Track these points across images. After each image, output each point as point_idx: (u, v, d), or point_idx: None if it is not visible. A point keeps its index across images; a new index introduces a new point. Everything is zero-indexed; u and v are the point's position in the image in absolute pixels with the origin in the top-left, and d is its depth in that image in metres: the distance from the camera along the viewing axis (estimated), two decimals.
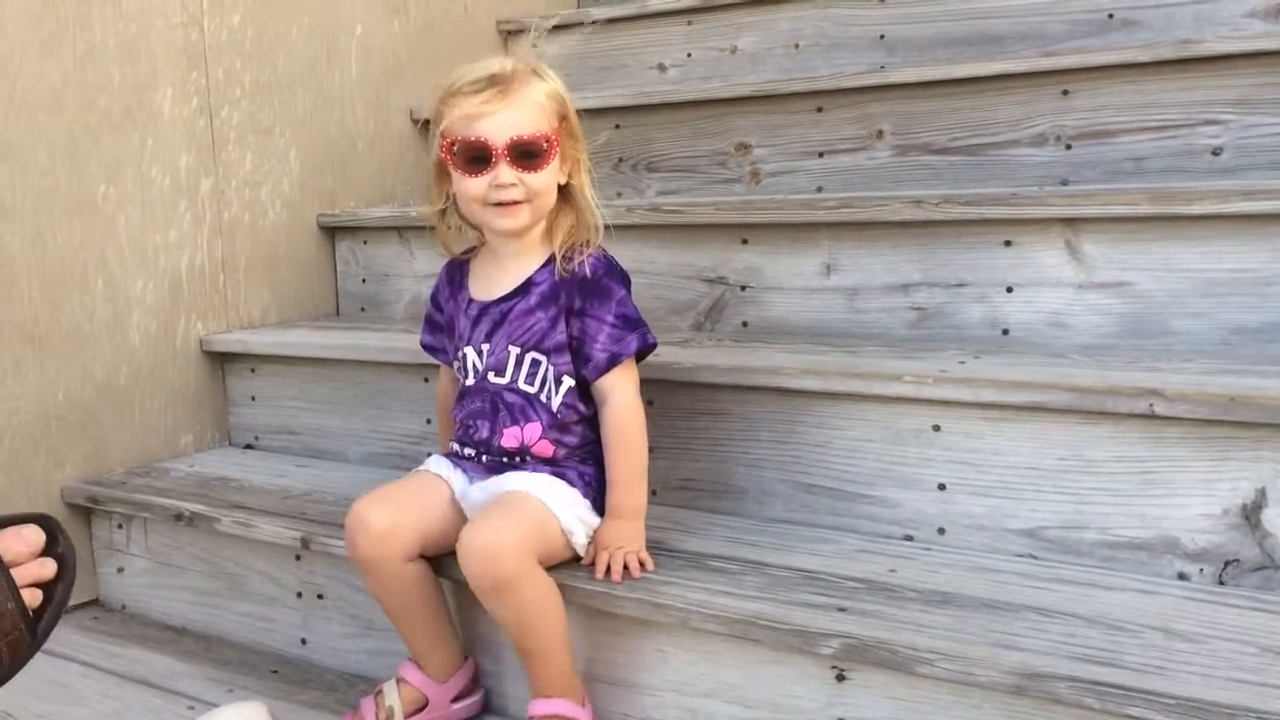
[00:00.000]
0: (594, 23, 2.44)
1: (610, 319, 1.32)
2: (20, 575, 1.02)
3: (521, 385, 1.35)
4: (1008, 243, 1.53)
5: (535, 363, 1.34)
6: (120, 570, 1.80)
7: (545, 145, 1.29)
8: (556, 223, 1.36)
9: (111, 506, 1.76)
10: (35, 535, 1.04)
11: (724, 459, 1.51)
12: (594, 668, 1.33)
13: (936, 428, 1.36)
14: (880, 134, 1.90)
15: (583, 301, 1.33)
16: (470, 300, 1.39)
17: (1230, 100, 1.63)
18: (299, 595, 1.60)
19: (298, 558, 1.58)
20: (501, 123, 1.27)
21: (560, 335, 1.33)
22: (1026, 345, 1.51)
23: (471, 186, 1.29)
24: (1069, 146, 1.75)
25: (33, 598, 1.03)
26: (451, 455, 1.42)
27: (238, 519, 1.59)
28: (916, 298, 1.59)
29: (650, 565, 1.31)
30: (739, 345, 1.63)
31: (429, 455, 1.45)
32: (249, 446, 1.99)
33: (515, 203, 1.29)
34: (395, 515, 1.31)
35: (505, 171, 1.28)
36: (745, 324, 1.73)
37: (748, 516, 1.49)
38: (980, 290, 1.55)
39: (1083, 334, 1.49)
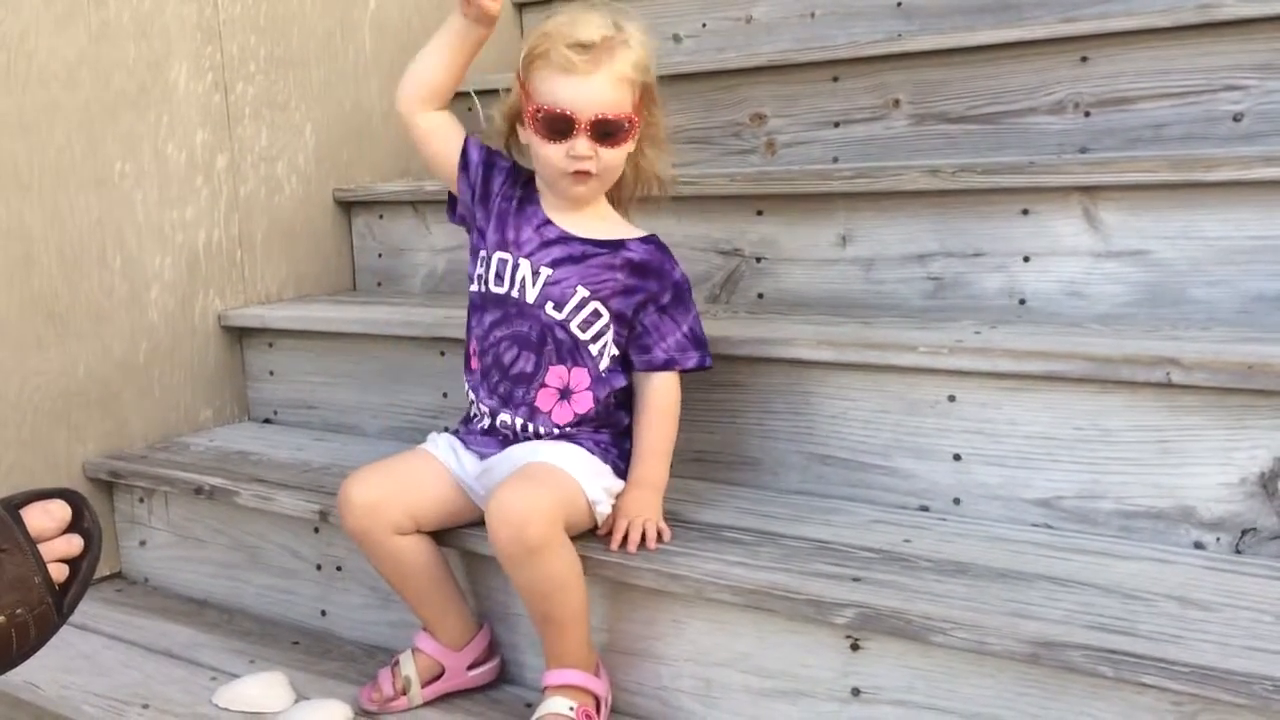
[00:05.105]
0: None
1: (685, 329, 1.37)
2: (47, 550, 1.04)
3: (574, 328, 1.34)
4: (1025, 212, 1.52)
5: (596, 314, 1.35)
6: (142, 543, 1.82)
7: (627, 125, 1.32)
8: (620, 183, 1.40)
9: (133, 481, 1.78)
10: (62, 511, 1.06)
11: (739, 430, 1.51)
12: (610, 638, 1.34)
13: (952, 398, 1.36)
14: (897, 103, 1.89)
15: (670, 299, 1.37)
16: (547, 221, 1.37)
17: (1252, 65, 1.61)
18: (318, 567, 1.61)
19: (316, 530, 1.60)
20: (588, 96, 1.29)
21: (628, 307, 1.35)
22: (1044, 315, 1.51)
23: (550, 152, 1.32)
24: (1088, 114, 1.73)
25: (59, 572, 1.05)
26: (461, 432, 1.42)
27: (257, 492, 1.61)
28: (933, 268, 1.58)
29: (667, 536, 1.32)
30: (754, 317, 1.63)
31: (444, 430, 1.46)
32: (268, 421, 2.01)
33: (588, 173, 1.32)
34: (379, 490, 1.33)
35: (583, 144, 1.30)
36: (761, 296, 1.72)
37: (763, 488, 1.49)
38: (997, 260, 1.54)
39: (1100, 303, 1.48)
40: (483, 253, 1.39)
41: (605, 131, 1.30)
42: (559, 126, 1.30)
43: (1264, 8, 1.60)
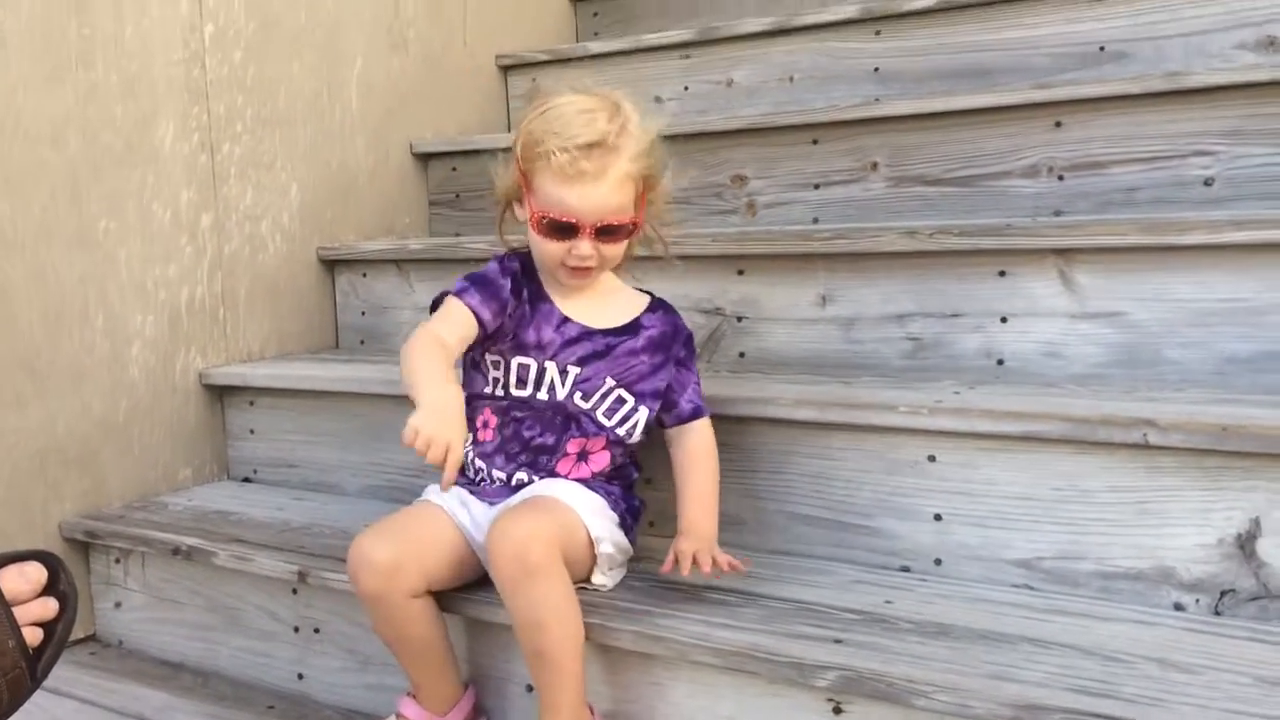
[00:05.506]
0: (592, 57, 2.47)
1: (695, 377, 1.43)
2: (22, 614, 1.02)
3: (599, 416, 1.37)
4: (1002, 273, 1.54)
5: (621, 400, 1.38)
6: (118, 605, 1.80)
7: (630, 227, 1.34)
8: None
9: (109, 541, 1.76)
10: (38, 573, 1.04)
11: (721, 490, 1.50)
12: (590, 700, 1.32)
13: (932, 458, 1.37)
14: (875, 165, 1.92)
15: (685, 353, 1.43)
16: (565, 319, 1.38)
17: (1220, 131, 1.65)
18: (296, 630, 1.60)
19: (295, 591, 1.58)
20: (592, 204, 1.30)
21: (660, 381, 1.39)
22: (1021, 375, 1.52)
23: (551, 249, 1.33)
24: (1061, 178, 1.76)
25: (33, 636, 1.03)
26: (467, 484, 1.41)
27: (235, 553, 1.59)
28: (912, 328, 1.60)
29: (742, 568, 1.31)
30: (736, 376, 1.64)
31: (427, 486, 1.45)
32: (247, 479, 2.00)
33: (589, 269, 1.34)
34: (399, 550, 1.30)
35: (586, 246, 1.32)
36: (742, 355, 1.73)
37: (745, 547, 1.48)
38: (975, 320, 1.56)
39: (1077, 364, 1.49)
40: (492, 358, 1.39)
41: (608, 233, 1.32)
42: (562, 230, 1.31)
43: (1231, 76, 1.64)
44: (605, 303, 1.41)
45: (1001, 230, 1.55)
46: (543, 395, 1.37)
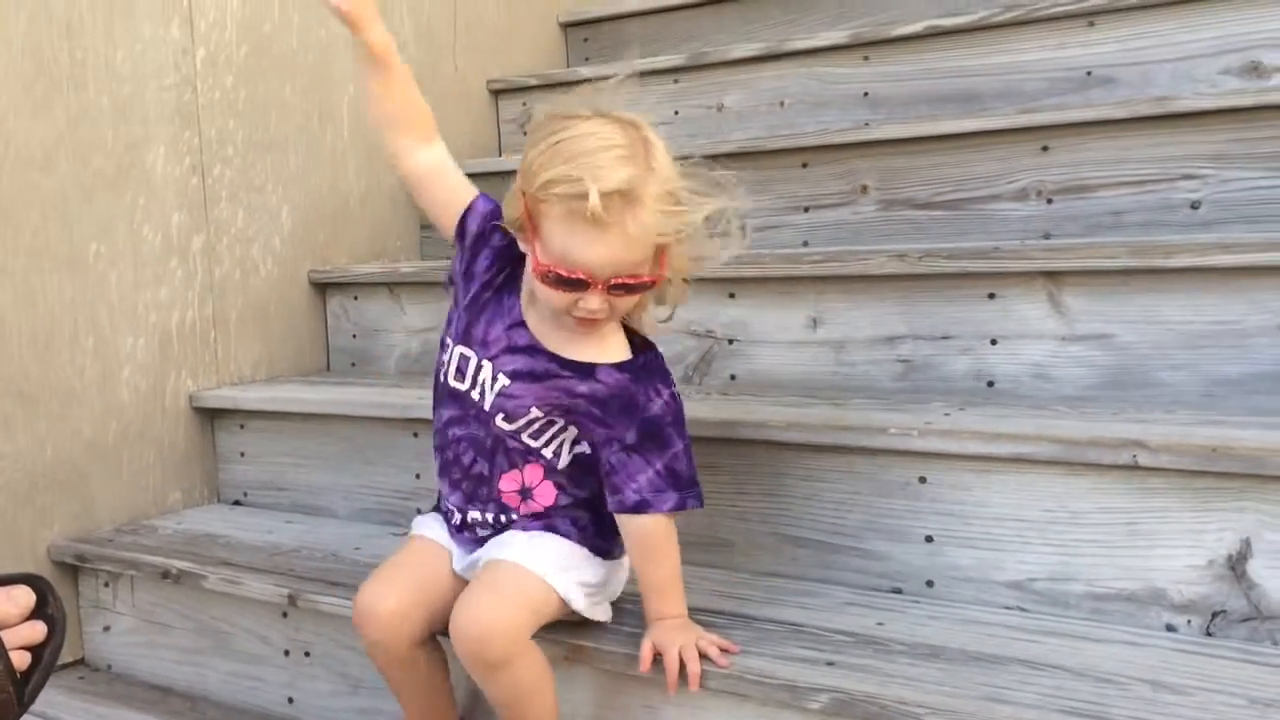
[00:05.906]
0: (583, 82, 2.47)
1: (659, 466, 1.21)
2: (9, 637, 1.01)
3: (525, 438, 1.26)
4: (991, 296, 1.54)
5: (551, 423, 1.25)
6: (106, 629, 1.79)
7: (646, 285, 1.17)
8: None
9: (98, 565, 1.75)
10: (25, 597, 1.04)
11: (712, 512, 1.50)
12: None
13: (923, 479, 1.37)
14: (865, 189, 1.93)
15: (638, 439, 1.21)
16: (520, 320, 1.24)
17: (1207, 155, 1.66)
18: (286, 653, 1.59)
19: (285, 615, 1.58)
20: (605, 259, 1.12)
21: (589, 433, 1.24)
22: (1011, 397, 1.53)
23: (556, 299, 1.17)
24: (1050, 201, 1.77)
25: (20, 660, 1.02)
26: (444, 516, 1.38)
27: (225, 576, 1.59)
28: (902, 350, 1.61)
29: (726, 648, 1.21)
30: (727, 398, 1.64)
31: (418, 512, 1.44)
32: (237, 503, 1.99)
33: (597, 319, 1.19)
34: (404, 600, 1.26)
35: (596, 300, 1.15)
36: (733, 377, 1.74)
37: (735, 569, 1.49)
38: (965, 343, 1.56)
39: (1066, 385, 1.50)
40: (448, 339, 1.29)
41: (623, 289, 1.16)
42: (570, 284, 1.15)
43: (1217, 101, 1.66)
44: (582, 337, 1.23)
45: (990, 254, 1.56)
46: (475, 395, 1.25)
